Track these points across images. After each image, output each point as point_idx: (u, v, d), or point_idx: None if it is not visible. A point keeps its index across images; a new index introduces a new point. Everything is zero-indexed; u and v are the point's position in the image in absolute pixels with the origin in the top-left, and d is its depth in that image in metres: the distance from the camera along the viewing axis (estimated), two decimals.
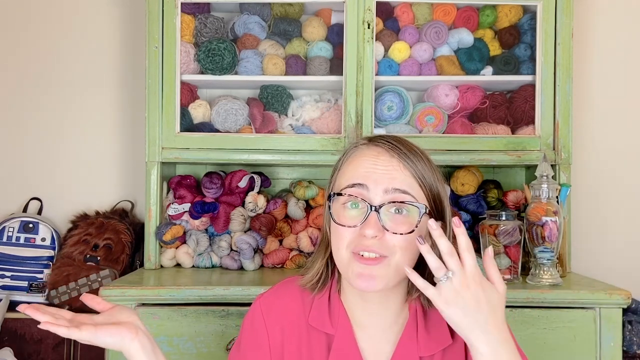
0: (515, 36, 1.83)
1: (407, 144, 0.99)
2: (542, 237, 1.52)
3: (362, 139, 1.03)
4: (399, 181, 0.94)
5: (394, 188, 0.93)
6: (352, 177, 0.96)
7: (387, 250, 0.93)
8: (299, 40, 1.84)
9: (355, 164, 0.98)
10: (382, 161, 0.96)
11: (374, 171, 0.95)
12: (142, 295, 1.46)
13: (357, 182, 0.95)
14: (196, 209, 1.72)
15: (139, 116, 2.00)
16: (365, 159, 0.97)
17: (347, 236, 0.95)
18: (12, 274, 1.83)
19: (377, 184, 0.94)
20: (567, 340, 1.45)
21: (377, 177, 0.94)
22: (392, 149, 0.96)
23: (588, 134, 2.03)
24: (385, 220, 0.93)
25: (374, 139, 1.00)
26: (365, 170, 0.95)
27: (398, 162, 0.95)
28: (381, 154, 0.96)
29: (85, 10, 2.04)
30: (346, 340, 1.01)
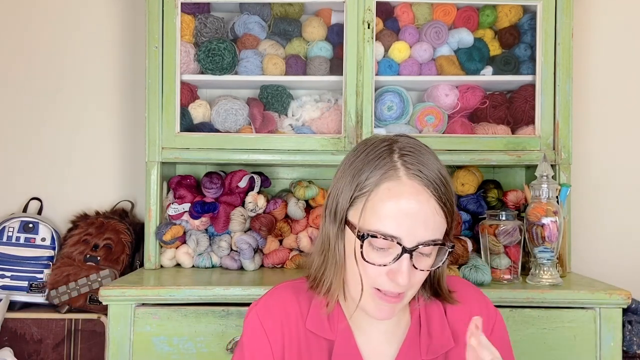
0: (515, 36, 1.83)
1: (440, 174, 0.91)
2: (542, 237, 1.52)
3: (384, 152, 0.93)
4: (433, 231, 0.90)
5: (430, 240, 0.90)
6: (384, 222, 0.89)
7: (408, 286, 0.93)
8: (299, 40, 1.84)
9: (393, 203, 0.89)
10: (421, 206, 0.89)
11: (413, 223, 0.88)
12: (142, 295, 1.46)
13: (389, 232, 0.89)
14: (196, 209, 1.72)
15: (139, 116, 2.00)
16: (402, 201, 0.89)
17: (373, 275, 0.92)
18: (12, 274, 1.83)
19: (413, 236, 0.89)
20: (567, 340, 1.45)
21: (414, 228, 0.89)
22: (429, 186, 0.90)
23: (588, 134, 2.03)
24: (415, 260, 0.90)
25: (405, 164, 0.91)
26: (402, 219, 0.89)
27: (435, 204, 0.89)
28: (420, 194, 0.89)
29: (85, 10, 2.04)
30: (347, 345, 1.00)
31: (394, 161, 0.92)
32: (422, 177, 0.90)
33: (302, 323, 1.01)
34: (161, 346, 1.44)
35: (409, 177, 0.90)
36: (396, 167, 0.91)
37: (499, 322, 1.06)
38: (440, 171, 0.93)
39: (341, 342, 1.00)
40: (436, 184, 0.90)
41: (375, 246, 0.91)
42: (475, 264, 1.54)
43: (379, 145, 0.95)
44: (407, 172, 0.90)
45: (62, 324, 1.76)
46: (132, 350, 1.44)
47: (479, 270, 1.53)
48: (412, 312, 1.03)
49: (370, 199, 0.91)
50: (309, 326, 1.01)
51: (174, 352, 1.44)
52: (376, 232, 0.90)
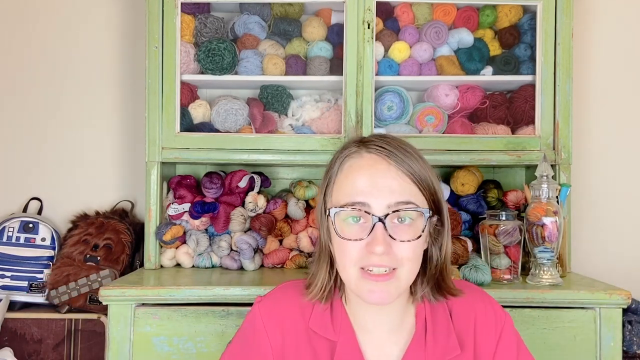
0: (515, 36, 1.83)
1: (401, 145, 0.96)
2: (542, 237, 1.52)
3: (352, 143, 0.99)
4: (399, 192, 0.92)
5: (396, 202, 0.91)
6: (350, 193, 0.93)
7: (396, 262, 0.92)
8: (299, 40, 1.84)
9: (352, 177, 0.94)
10: (379, 172, 0.93)
11: (373, 186, 0.92)
12: (142, 295, 1.46)
13: (358, 200, 0.92)
14: (196, 209, 1.72)
15: (139, 116, 2.00)
16: (361, 172, 0.94)
17: (353, 252, 0.93)
18: (12, 274, 1.83)
19: (379, 200, 0.91)
20: (567, 340, 1.45)
21: (377, 192, 0.91)
22: (388, 156, 0.93)
23: (588, 134, 2.03)
24: (391, 230, 0.91)
25: (366, 144, 0.97)
26: (364, 185, 0.92)
27: (396, 170, 0.93)
28: (377, 163, 0.93)
29: (85, 10, 2.04)
30: (349, 346, 1.00)
31: (359, 146, 0.97)
32: (382, 150, 0.94)
33: (304, 324, 1.01)
34: (161, 346, 1.44)
35: (369, 151, 0.95)
36: (359, 148, 0.97)
37: (507, 326, 1.03)
38: (406, 148, 0.96)
39: (344, 343, 1.00)
40: (397, 155, 0.93)
41: (349, 222, 0.93)
42: (475, 264, 1.54)
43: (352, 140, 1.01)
44: (367, 149, 0.96)
45: (62, 324, 1.76)
46: (132, 350, 1.44)
47: (479, 270, 1.53)
48: (417, 315, 1.02)
49: (337, 180, 0.97)
50: (312, 326, 1.01)
51: (174, 352, 1.44)
52: (345, 206, 0.93)
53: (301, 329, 1.01)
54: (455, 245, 1.58)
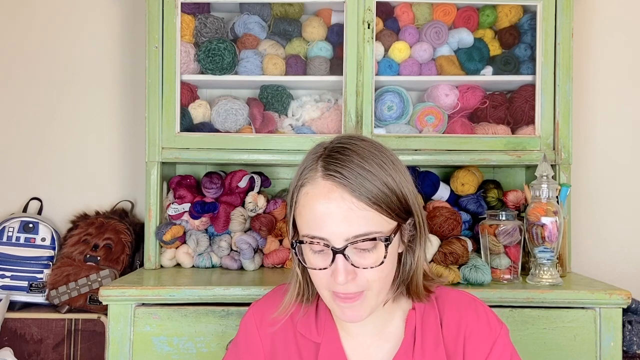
0: (515, 36, 1.83)
1: (357, 160, 0.90)
2: (542, 237, 1.52)
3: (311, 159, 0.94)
4: (357, 225, 0.88)
5: (354, 235, 0.88)
6: (309, 225, 0.91)
7: (363, 286, 0.91)
8: (299, 40, 1.84)
9: (310, 207, 0.90)
10: (335, 203, 0.88)
11: (330, 220, 0.88)
12: (142, 295, 1.46)
13: (316, 235, 0.90)
14: (196, 209, 1.72)
15: (139, 116, 2.00)
16: (317, 203, 0.89)
17: (322, 279, 0.93)
18: (12, 274, 1.83)
19: (336, 235, 0.89)
20: (567, 340, 1.45)
21: (334, 226, 0.88)
22: (342, 182, 0.89)
23: (588, 134, 2.03)
24: (353, 259, 0.90)
25: (325, 166, 0.91)
26: (320, 219, 0.89)
27: (351, 198, 0.88)
28: (332, 192, 0.89)
29: (85, 10, 2.04)
30: (332, 348, 1.01)
31: (317, 163, 0.92)
32: (337, 175, 0.89)
33: (294, 324, 1.03)
34: (161, 346, 1.44)
35: (324, 177, 0.90)
36: (316, 169, 0.92)
37: (501, 338, 1.00)
38: (365, 164, 0.90)
39: (327, 345, 1.01)
40: (354, 180, 0.89)
41: (314, 250, 0.92)
42: (475, 264, 1.54)
43: (316, 149, 0.96)
44: (323, 174, 0.91)
45: (62, 324, 1.76)
46: (132, 350, 1.44)
47: (479, 270, 1.53)
48: (407, 322, 1.01)
49: (297, 205, 0.93)
50: (299, 328, 1.03)
51: (174, 352, 1.44)
52: (305, 238, 0.91)
53: (290, 331, 1.03)
54: (455, 245, 1.58)
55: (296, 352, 1.02)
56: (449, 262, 1.56)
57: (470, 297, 1.05)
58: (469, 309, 1.01)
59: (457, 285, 1.51)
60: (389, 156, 0.94)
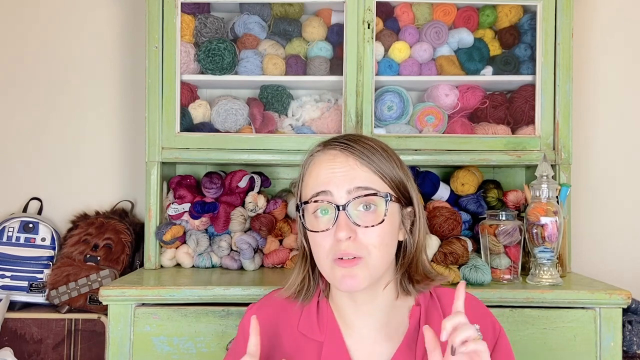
0: (515, 36, 1.83)
1: (362, 141, 1.00)
2: (542, 237, 1.52)
3: (317, 145, 1.04)
4: (359, 179, 0.96)
5: (356, 187, 0.95)
6: (314, 186, 0.98)
7: (363, 250, 0.95)
8: (299, 40, 1.84)
9: (315, 172, 0.99)
10: (339, 163, 0.97)
11: (334, 175, 0.96)
12: (142, 295, 1.46)
13: (320, 189, 0.97)
14: (196, 209, 1.72)
15: (139, 116, 2.00)
16: (323, 166, 0.98)
17: (324, 244, 0.96)
18: (12, 274, 1.83)
19: (339, 187, 0.95)
20: (567, 340, 1.45)
21: (338, 180, 0.96)
22: (347, 149, 0.98)
23: (588, 134, 2.03)
24: (355, 217, 0.95)
25: (328, 143, 1.02)
26: (325, 176, 0.97)
27: (354, 161, 0.97)
28: (337, 157, 0.98)
29: (85, 10, 2.04)
30: (335, 345, 1.01)
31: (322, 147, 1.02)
32: (342, 145, 0.99)
33: (294, 327, 1.04)
34: (161, 346, 1.44)
35: (330, 148, 1.00)
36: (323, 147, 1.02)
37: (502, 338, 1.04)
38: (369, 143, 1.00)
39: (330, 343, 1.02)
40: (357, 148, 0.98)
41: (318, 215, 0.97)
42: (475, 264, 1.54)
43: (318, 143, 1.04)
44: (329, 145, 1.01)
45: (62, 324, 1.76)
46: (132, 350, 1.44)
47: (479, 270, 1.53)
48: (411, 317, 1.03)
49: (304, 178, 1.02)
50: (300, 328, 1.03)
51: (174, 352, 1.44)
52: (310, 199, 0.97)
53: (289, 332, 1.04)
54: (455, 245, 1.58)
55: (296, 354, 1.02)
56: (449, 262, 1.56)
57: (471, 296, 1.08)
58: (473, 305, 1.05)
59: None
60: (391, 152, 1.02)
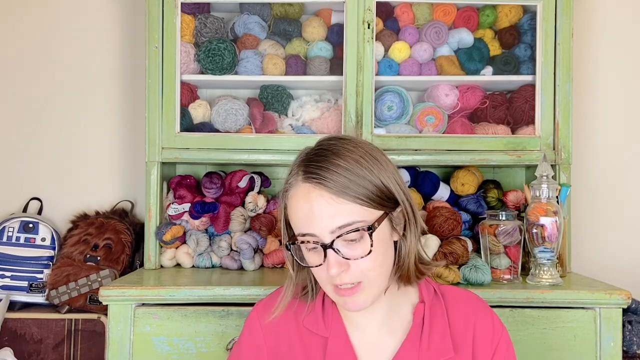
0: (515, 36, 1.83)
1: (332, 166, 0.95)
2: (542, 237, 1.52)
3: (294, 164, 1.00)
4: (339, 217, 0.93)
5: (338, 227, 0.93)
6: (297, 225, 0.97)
7: (359, 276, 0.94)
8: (299, 40, 1.84)
9: (294, 210, 0.97)
10: (314, 202, 0.94)
11: (313, 216, 0.94)
12: (142, 295, 1.46)
13: (303, 231, 0.95)
14: (196, 209, 1.72)
15: (139, 116, 2.00)
16: (299, 204, 0.95)
17: (321, 275, 0.97)
18: (12, 274, 1.83)
19: (321, 228, 0.93)
20: (567, 340, 1.45)
21: (317, 221, 0.93)
22: (320, 183, 0.94)
23: (588, 134, 2.03)
24: (344, 252, 0.94)
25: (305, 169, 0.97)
26: (304, 217, 0.95)
27: (329, 196, 0.93)
28: (310, 192, 0.94)
29: (85, 10, 2.04)
30: (340, 341, 1.02)
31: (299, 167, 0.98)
32: (314, 176, 0.95)
33: (299, 322, 1.05)
34: (161, 346, 1.44)
35: (303, 180, 0.96)
36: (298, 173, 0.98)
37: (503, 341, 1.04)
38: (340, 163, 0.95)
39: (335, 338, 1.03)
40: (329, 178, 0.94)
41: (308, 248, 0.96)
42: (475, 264, 1.54)
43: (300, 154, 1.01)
44: (303, 177, 0.96)
45: (62, 324, 1.76)
46: (132, 350, 1.44)
47: (479, 270, 1.53)
48: (416, 313, 1.03)
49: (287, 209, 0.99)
50: (306, 324, 1.04)
51: (174, 352, 1.44)
52: (298, 237, 0.96)
53: (295, 328, 1.05)
54: (455, 245, 1.58)
55: (302, 350, 1.03)
56: (449, 262, 1.56)
57: (476, 295, 1.09)
58: (476, 305, 1.06)
59: (457, 286, 1.51)
60: (368, 150, 0.98)
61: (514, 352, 1.06)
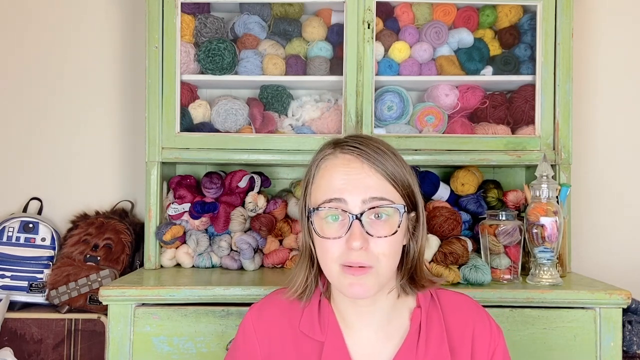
0: (515, 36, 1.83)
1: (373, 144, 0.99)
2: (542, 237, 1.52)
3: (327, 145, 1.02)
4: (374, 189, 0.94)
5: (371, 197, 0.94)
6: (327, 191, 0.96)
7: (373, 260, 0.94)
8: (299, 40, 1.84)
9: (328, 176, 0.97)
10: (354, 170, 0.95)
11: (348, 183, 0.94)
12: (142, 295, 1.46)
13: (334, 196, 0.95)
14: (196, 209, 1.72)
15: (139, 116, 2.00)
16: (336, 170, 0.96)
17: (333, 250, 0.95)
18: (12, 274, 1.83)
19: (354, 196, 0.94)
20: (567, 340, 1.45)
21: (353, 188, 0.94)
22: (361, 155, 0.96)
23: (588, 134, 2.03)
24: (368, 226, 0.94)
25: (340, 145, 0.99)
26: (339, 183, 0.95)
27: (369, 168, 0.95)
28: (351, 162, 0.96)
29: (85, 10, 2.04)
30: (336, 346, 1.02)
31: (334, 148, 1.00)
32: (355, 150, 0.97)
33: (295, 327, 1.04)
34: (161, 346, 1.44)
35: (343, 152, 0.98)
36: (334, 150, 1.00)
37: (501, 344, 1.05)
38: (380, 146, 0.98)
39: (330, 343, 1.02)
40: (370, 154, 0.96)
41: (329, 221, 0.95)
42: (475, 264, 1.54)
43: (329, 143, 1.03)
44: (342, 150, 0.99)
45: (62, 324, 1.76)
46: (132, 350, 1.44)
47: (479, 270, 1.53)
48: (413, 319, 1.03)
49: (314, 181, 1.00)
50: (302, 328, 1.04)
51: (174, 352, 1.44)
52: (322, 205, 0.96)
53: (290, 332, 1.04)
54: (455, 245, 1.58)
55: (296, 353, 1.03)
56: (449, 262, 1.56)
57: (472, 300, 1.09)
58: (473, 311, 1.06)
59: (457, 286, 1.51)
60: (398, 154, 1.02)
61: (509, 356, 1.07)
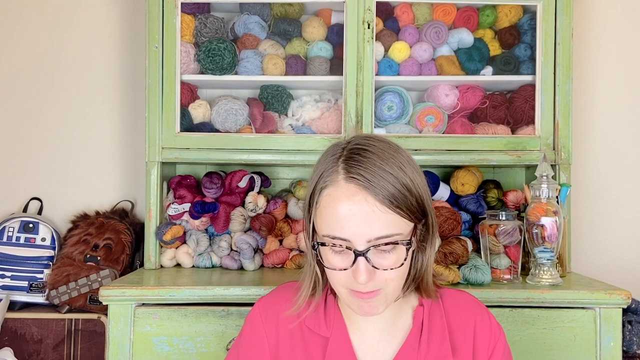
0: (515, 36, 1.83)
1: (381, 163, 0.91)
2: (542, 237, 1.52)
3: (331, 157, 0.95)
4: (379, 227, 0.90)
5: (376, 237, 0.90)
6: (331, 226, 0.91)
7: (381, 284, 0.93)
8: (299, 40, 1.84)
9: (332, 209, 0.91)
10: (358, 205, 0.89)
11: (352, 221, 0.89)
12: (142, 295, 1.46)
13: (338, 235, 0.91)
14: (196, 209, 1.72)
15: (139, 116, 2.00)
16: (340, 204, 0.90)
17: (340, 277, 0.94)
18: (12, 274, 1.83)
19: (358, 237, 0.90)
20: (567, 340, 1.45)
21: (356, 228, 0.89)
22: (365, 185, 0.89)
23: (588, 134, 2.03)
24: (374, 260, 0.91)
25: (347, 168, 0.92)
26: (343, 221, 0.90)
27: (374, 201, 0.89)
28: (355, 195, 0.90)
29: (85, 10, 2.04)
30: (341, 342, 1.02)
31: (337, 165, 0.93)
32: (360, 178, 0.90)
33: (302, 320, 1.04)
34: (161, 346, 1.44)
35: (347, 180, 0.91)
36: (337, 171, 0.93)
37: (501, 342, 1.05)
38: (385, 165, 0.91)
39: (335, 339, 1.02)
40: (377, 183, 0.90)
41: (335, 250, 0.93)
42: (475, 264, 1.54)
43: (334, 150, 0.97)
44: (346, 176, 0.92)
45: (62, 324, 1.76)
46: (132, 350, 1.44)
47: (479, 270, 1.53)
48: (415, 317, 1.04)
49: (318, 206, 0.94)
50: (307, 323, 1.04)
51: (174, 352, 1.44)
52: (326, 239, 0.92)
53: (296, 326, 1.04)
54: (455, 245, 1.58)
55: (302, 348, 1.03)
56: (449, 262, 1.56)
57: (473, 297, 1.09)
58: (474, 308, 1.06)
59: (457, 286, 1.51)
60: (406, 157, 0.96)
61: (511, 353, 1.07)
